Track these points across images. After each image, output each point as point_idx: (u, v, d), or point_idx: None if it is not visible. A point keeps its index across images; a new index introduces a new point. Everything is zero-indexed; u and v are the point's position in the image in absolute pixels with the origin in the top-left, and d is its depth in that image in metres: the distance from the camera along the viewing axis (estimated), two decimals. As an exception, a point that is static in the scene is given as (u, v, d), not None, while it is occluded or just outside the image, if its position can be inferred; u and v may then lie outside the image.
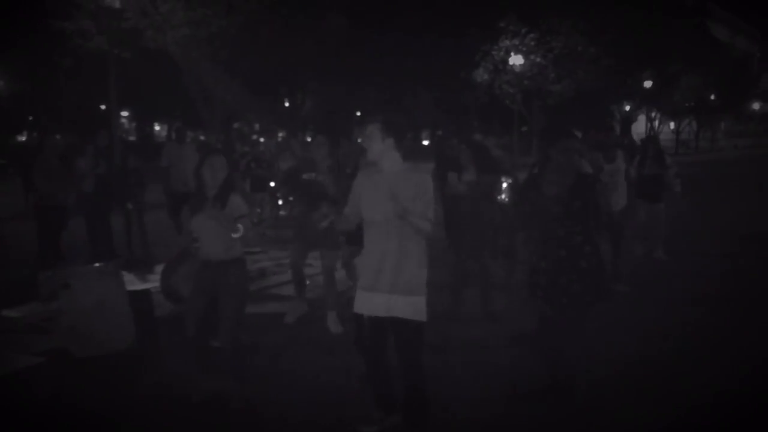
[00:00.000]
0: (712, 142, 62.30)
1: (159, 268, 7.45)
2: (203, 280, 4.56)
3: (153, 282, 7.24)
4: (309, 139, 39.96)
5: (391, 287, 3.85)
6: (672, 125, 53.15)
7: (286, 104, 30.63)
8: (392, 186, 3.83)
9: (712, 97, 48.26)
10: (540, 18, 28.97)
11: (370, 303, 3.93)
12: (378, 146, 3.94)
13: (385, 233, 3.87)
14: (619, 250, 7.67)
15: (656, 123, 48.32)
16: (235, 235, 4.37)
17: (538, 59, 30.03)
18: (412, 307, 3.86)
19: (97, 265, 6.59)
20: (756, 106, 63.07)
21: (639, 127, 48.66)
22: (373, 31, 24.86)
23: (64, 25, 15.81)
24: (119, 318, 5.69)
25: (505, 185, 5.88)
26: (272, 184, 11.88)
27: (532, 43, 29.57)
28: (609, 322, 5.50)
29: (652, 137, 10.37)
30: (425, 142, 46.73)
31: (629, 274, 7.81)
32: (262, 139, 25.58)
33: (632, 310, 6.58)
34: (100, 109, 21.74)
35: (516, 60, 29.34)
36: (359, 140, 6.64)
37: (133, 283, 7.05)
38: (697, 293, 7.45)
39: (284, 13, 18.77)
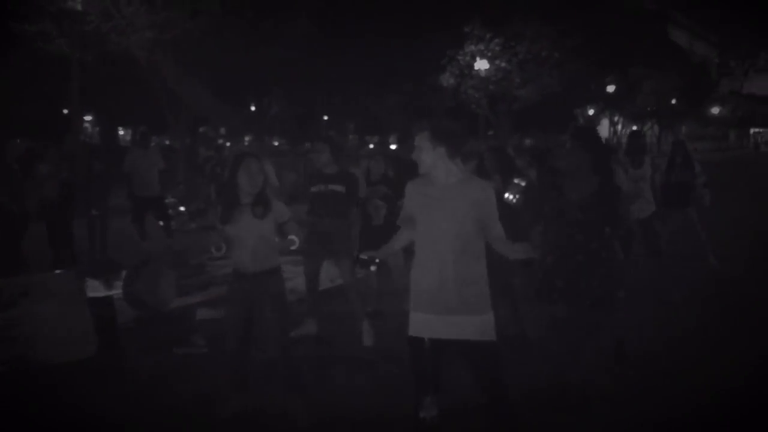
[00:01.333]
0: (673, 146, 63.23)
1: (122, 275, 7.38)
2: (239, 292, 4.31)
3: (116, 288, 7.15)
4: (276, 143, 39.73)
5: (454, 308, 3.52)
6: (634, 129, 53.89)
7: (253, 108, 30.43)
8: (449, 200, 3.52)
9: (674, 101, 49.11)
10: (505, 23, 29.23)
11: (430, 325, 3.58)
12: (429, 157, 3.57)
13: (442, 251, 3.52)
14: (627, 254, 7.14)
15: (619, 127, 49.04)
16: (292, 247, 4.19)
17: (503, 64, 30.29)
18: (479, 327, 3.53)
19: (57, 272, 6.50)
20: (715, 110, 64.39)
21: (602, 131, 49.33)
22: (341, 36, 24.87)
23: (24, 28, 15.53)
24: (80, 325, 5.61)
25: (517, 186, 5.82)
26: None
27: (497, 48, 29.81)
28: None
29: (680, 142, 9.32)
30: (393, 147, 46.80)
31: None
32: (228, 143, 25.38)
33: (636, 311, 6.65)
34: (62, 113, 21.38)
35: (481, 65, 29.55)
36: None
37: (95, 289, 6.96)
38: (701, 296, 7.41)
39: (250, 17, 18.68)
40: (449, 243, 3.51)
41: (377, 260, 3.89)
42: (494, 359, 3.59)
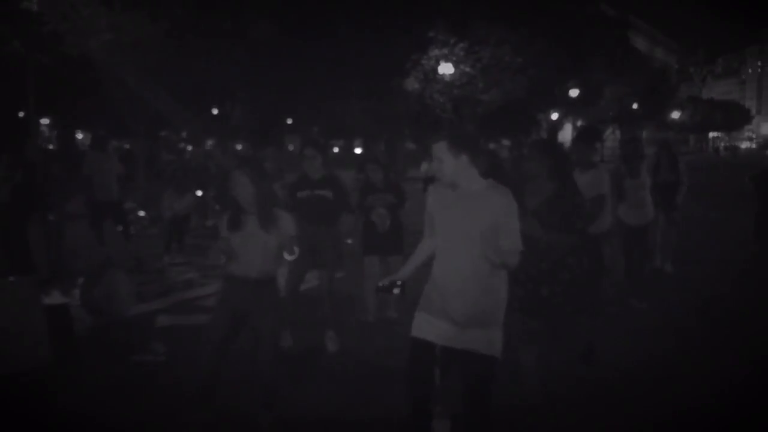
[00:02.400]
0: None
1: (79, 282, 7.19)
2: (235, 298, 4.23)
3: (73, 296, 6.96)
4: (239, 147, 39.44)
5: (463, 316, 3.45)
6: (627, 135, 54.78)
7: (215, 112, 30.13)
8: (473, 207, 3.46)
9: (635, 106, 50.01)
10: (468, 28, 29.42)
11: (434, 328, 3.52)
12: (451, 165, 3.48)
13: (463, 256, 3.45)
14: (641, 266, 7.30)
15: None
16: (289, 257, 4.12)
17: (467, 69, 30.48)
18: (486, 340, 3.48)
19: (12, 278, 6.29)
20: (675, 115, 65.85)
21: (565, 135, 50.02)
22: (304, 39, 24.75)
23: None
24: (36, 334, 5.43)
25: None
26: (199, 193, 11.63)
27: (461, 53, 29.99)
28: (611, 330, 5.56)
29: (665, 143, 9.45)
30: (357, 150, 46.78)
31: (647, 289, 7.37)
32: (189, 147, 25.08)
33: (632, 317, 6.74)
34: (17, 116, 20.91)
35: (445, 69, 29.70)
36: (290, 147, 6.47)
37: (51, 297, 6.75)
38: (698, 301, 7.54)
39: (212, 20, 18.50)
40: (470, 249, 3.43)
41: (399, 282, 3.76)
42: (491, 375, 3.54)
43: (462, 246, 3.45)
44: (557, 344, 4.54)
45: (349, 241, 8.40)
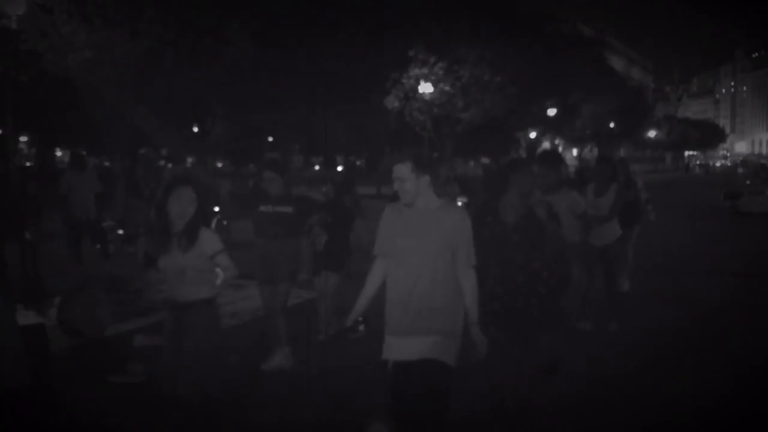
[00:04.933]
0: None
1: (56, 301, 7.14)
2: (169, 323, 4.18)
3: (49, 315, 6.90)
4: (219, 164, 39.20)
5: (422, 328, 3.55)
6: (575, 152, 55.33)
7: (195, 129, 30.06)
8: (428, 224, 3.60)
9: (612, 125, 50.60)
10: (448, 48, 29.67)
11: (398, 347, 3.61)
12: (414, 186, 3.61)
13: (416, 273, 3.58)
14: (608, 286, 7.27)
15: (560, 149, 50.16)
16: (217, 281, 4.08)
17: (447, 87, 30.71)
18: (442, 347, 3.55)
19: (-13, 298, 6.23)
20: (651, 133, 66.75)
21: (544, 154, 50.39)
22: (284, 57, 24.82)
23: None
24: (11, 354, 5.38)
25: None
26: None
27: (441, 72, 30.23)
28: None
29: (620, 161, 9.39)
30: (339, 168, 46.83)
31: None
32: (169, 165, 24.97)
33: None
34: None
35: (425, 88, 29.91)
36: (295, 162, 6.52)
37: (27, 317, 6.69)
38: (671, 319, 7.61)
39: (191, 38, 18.51)
40: (424, 266, 3.57)
41: (360, 319, 3.82)
42: (445, 390, 3.56)
43: (417, 262, 3.58)
44: (529, 356, 4.60)
45: None
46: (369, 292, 3.86)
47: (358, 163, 45.26)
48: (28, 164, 28.99)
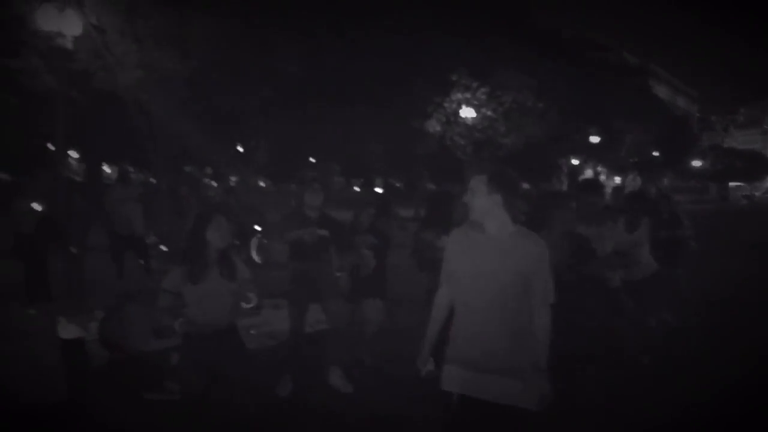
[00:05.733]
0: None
1: (97, 315, 7.24)
2: (198, 350, 4.23)
3: (90, 330, 7.00)
4: (262, 184, 39.53)
5: (493, 366, 3.26)
6: (618, 180, 54.62)
7: (239, 149, 30.47)
8: (500, 252, 3.28)
9: (656, 153, 49.89)
10: (491, 74, 29.66)
11: (463, 381, 3.33)
12: (482, 202, 3.32)
13: (487, 304, 3.28)
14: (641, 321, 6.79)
15: (602, 177, 49.61)
16: (247, 306, 4.14)
17: (489, 113, 30.66)
18: (517, 390, 3.25)
19: (31, 311, 6.36)
20: (696, 163, 65.58)
21: (586, 181, 49.86)
22: (329, 79, 25.08)
23: (9, 63, 15.52)
24: (51, 368, 5.47)
25: None
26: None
27: (483, 97, 30.21)
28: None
29: (665, 195, 9.05)
30: (379, 190, 46.96)
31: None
32: (214, 183, 25.29)
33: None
34: (44, 148, 21.28)
35: (467, 113, 29.92)
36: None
37: (68, 330, 6.80)
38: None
39: (239, 58, 18.80)
40: (493, 299, 3.27)
41: (432, 368, 3.66)
42: (518, 429, 3.32)
43: (488, 291, 3.28)
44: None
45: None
46: (436, 325, 3.60)
47: (397, 185, 45.31)
48: (77, 179, 29.66)
